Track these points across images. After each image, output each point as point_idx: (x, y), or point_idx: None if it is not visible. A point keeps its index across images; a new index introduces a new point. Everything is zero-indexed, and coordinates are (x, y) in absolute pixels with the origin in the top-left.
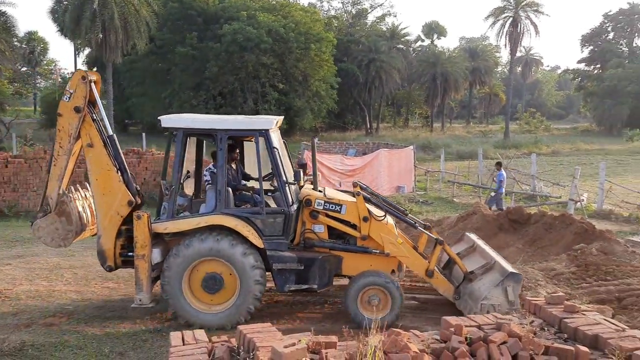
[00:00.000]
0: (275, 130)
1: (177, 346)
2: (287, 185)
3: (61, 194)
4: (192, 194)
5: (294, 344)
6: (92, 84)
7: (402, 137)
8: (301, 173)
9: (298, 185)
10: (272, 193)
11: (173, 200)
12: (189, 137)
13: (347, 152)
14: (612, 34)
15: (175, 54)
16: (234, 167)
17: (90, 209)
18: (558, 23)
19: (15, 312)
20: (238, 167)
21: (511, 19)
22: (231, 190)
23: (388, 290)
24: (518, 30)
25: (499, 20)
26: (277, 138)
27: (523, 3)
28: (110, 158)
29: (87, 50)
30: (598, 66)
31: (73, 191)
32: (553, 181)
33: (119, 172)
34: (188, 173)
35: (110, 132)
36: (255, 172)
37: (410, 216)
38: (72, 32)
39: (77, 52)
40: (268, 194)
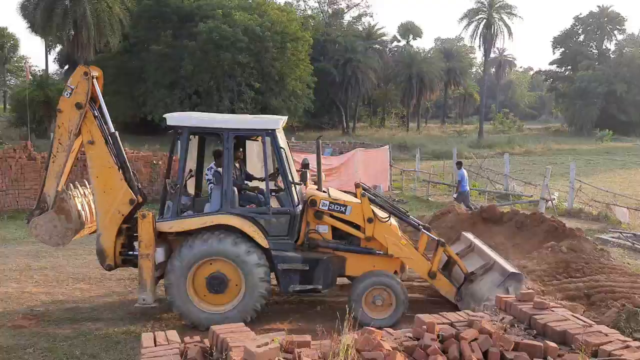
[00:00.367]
0: (280, 130)
1: (149, 347)
2: (293, 185)
3: (60, 192)
4: (196, 193)
5: (267, 344)
6: (94, 80)
7: (379, 137)
8: (307, 174)
9: (305, 185)
10: (276, 193)
11: (177, 199)
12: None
13: (324, 152)
14: (583, 37)
15: (149, 52)
16: (238, 167)
17: (89, 207)
18: (530, 25)
19: None
20: (242, 167)
21: (485, 21)
22: (236, 189)
23: (393, 290)
24: (492, 32)
25: (473, 21)
26: (282, 138)
27: (496, 5)
28: (111, 156)
29: (59, 47)
30: (569, 68)
31: (72, 188)
32: (525, 180)
33: (121, 170)
34: (190, 172)
35: (112, 130)
36: (254, 172)
37: (411, 217)
38: (43, 29)
39: (49, 49)
40: (272, 194)
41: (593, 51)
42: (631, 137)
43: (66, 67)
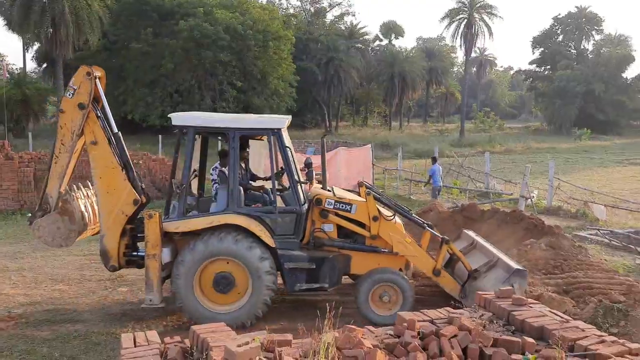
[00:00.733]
0: (285, 129)
1: (129, 348)
2: (299, 184)
3: (63, 193)
4: (199, 193)
5: (248, 343)
6: (97, 80)
7: (361, 136)
8: (313, 172)
9: (310, 184)
10: (280, 192)
11: (183, 199)
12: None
13: (306, 151)
14: (562, 37)
15: (129, 50)
16: (243, 166)
17: (92, 208)
18: (510, 25)
19: None
20: (247, 167)
21: (466, 21)
22: (242, 189)
23: (399, 286)
24: (472, 31)
25: (454, 21)
26: (287, 137)
27: (477, 5)
28: (114, 156)
29: (37, 45)
30: (548, 67)
31: (75, 189)
32: (505, 179)
33: (124, 170)
34: (194, 172)
35: (115, 130)
36: (255, 172)
37: (414, 215)
38: (21, 27)
39: (26, 47)
40: (277, 193)
41: (572, 51)
42: (609, 136)
43: (44, 66)
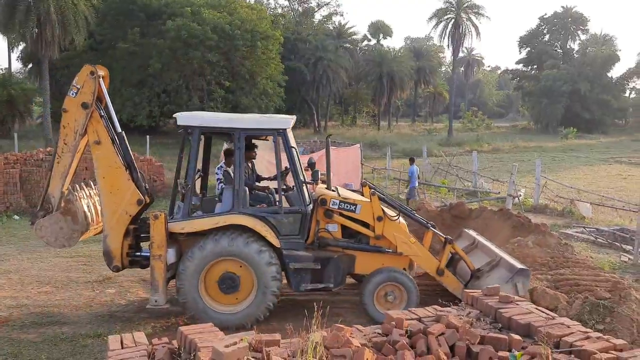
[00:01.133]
0: (290, 129)
1: (116, 350)
2: (305, 184)
3: (65, 193)
4: (202, 193)
5: (236, 343)
6: (101, 80)
7: (350, 136)
8: (319, 173)
9: (315, 184)
10: (285, 192)
11: (189, 199)
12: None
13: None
14: (548, 36)
15: (116, 50)
16: (250, 167)
17: (95, 208)
18: (497, 25)
19: None
20: (253, 167)
21: (453, 21)
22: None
23: (404, 285)
24: (460, 31)
25: (442, 21)
26: (292, 137)
27: (464, 5)
28: (118, 156)
29: (22, 45)
30: (535, 67)
31: (78, 189)
32: (493, 178)
33: (128, 170)
34: (199, 172)
35: (119, 129)
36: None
37: (417, 215)
38: (5, 26)
39: (11, 47)
40: (282, 194)
41: (558, 51)
42: (594, 135)
43: (30, 66)
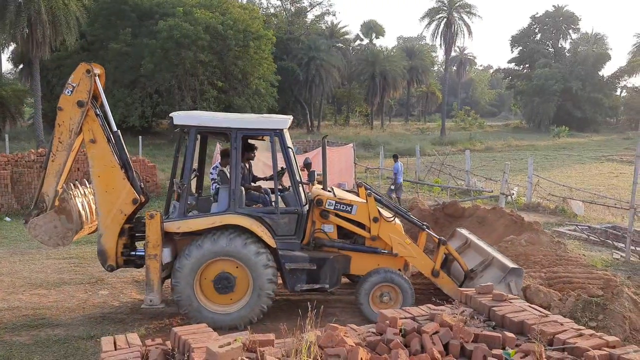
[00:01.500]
0: (286, 129)
1: (109, 351)
2: (301, 185)
3: (60, 191)
4: (197, 192)
5: (230, 344)
6: (96, 78)
7: (343, 135)
8: (315, 173)
9: (311, 185)
10: (281, 193)
11: (184, 199)
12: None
13: None
14: (539, 35)
15: (107, 51)
16: (247, 167)
17: (89, 207)
18: (489, 24)
19: None
20: (250, 167)
21: (445, 20)
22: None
23: (400, 287)
24: (452, 30)
25: (434, 20)
26: (289, 138)
27: (456, 4)
28: (113, 155)
29: (13, 45)
30: (527, 66)
31: (72, 188)
32: (486, 176)
33: (123, 169)
34: (194, 172)
35: (114, 128)
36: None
37: (411, 216)
38: None
39: (2, 48)
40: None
41: (549, 49)
42: (586, 133)
43: (21, 67)
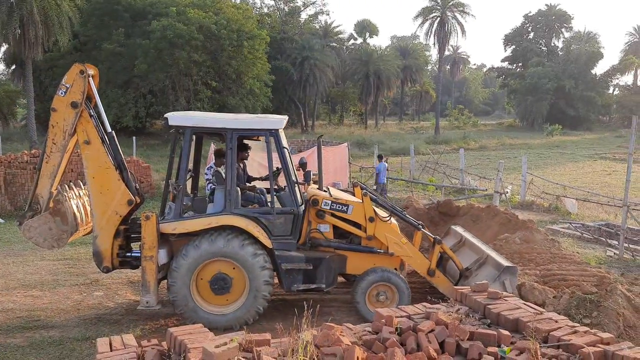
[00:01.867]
0: (282, 130)
1: (104, 352)
2: (297, 185)
3: (55, 193)
4: (193, 193)
5: (226, 344)
6: (90, 79)
7: (337, 134)
8: (311, 173)
9: (307, 185)
10: (277, 193)
11: (180, 200)
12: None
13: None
14: (532, 34)
15: (101, 51)
16: (242, 167)
17: (84, 208)
18: (483, 23)
19: None
20: (245, 168)
21: (439, 19)
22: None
23: (397, 286)
24: (445, 29)
25: (428, 20)
26: (284, 138)
27: (450, 4)
28: (108, 156)
29: (5, 46)
30: (520, 64)
31: (67, 189)
32: (480, 175)
33: (118, 170)
34: (190, 172)
35: (109, 129)
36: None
37: (407, 215)
38: None
39: None
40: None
41: (542, 48)
42: (579, 131)
43: (13, 67)
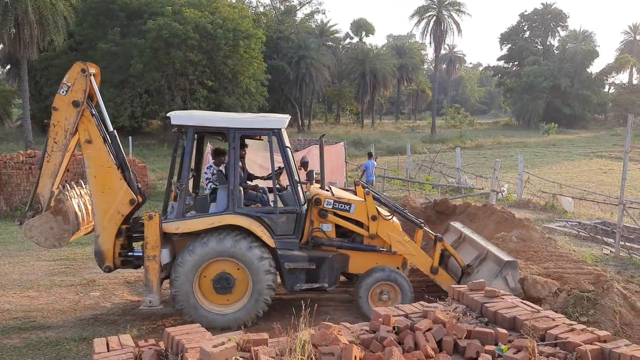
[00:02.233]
0: (284, 129)
1: (101, 353)
2: (299, 184)
3: (57, 192)
4: (195, 192)
5: (224, 343)
6: (92, 77)
7: (334, 134)
8: (314, 172)
9: (310, 184)
10: (279, 192)
11: (183, 199)
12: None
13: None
14: (528, 33)
15: (96, 51)
16: (241, 166)
17: (85, 207)
18: (479, 22)
19: None
20: (244, 166)
21: (435, 18)
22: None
23: (401, 287)
24: (441, 28)
25: (424, 18)
26: (286, 137)
27: (446, 2)
28: (110, 155)
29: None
30: (516, 63)
31: (68, 188)
32: (476, 174)
33: (120, 170)
34: (192, 171)
35: (110, 128)
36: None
37: (408, 214)
38: None
39: None
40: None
41: (538, 47)
42: (575, 130)
43: (8, 67)
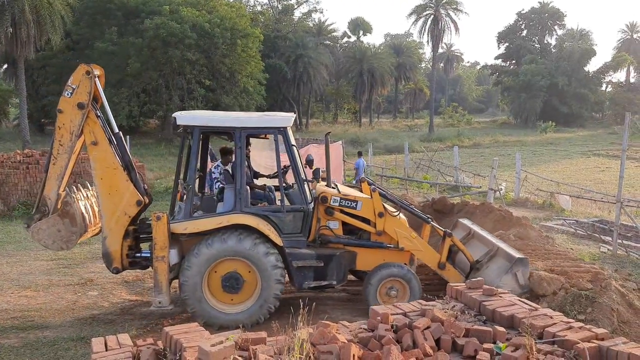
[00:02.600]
0: (290, 127)
1: (99, 352)
2: (306, 182)
3: (63, 195)
4: (201, 192)
5: (222, 342)
6: (96, 79)
7: (332, 133)
8: (320, 171)
9: (316, 182)
10: (286, 191)
11: (190, 199)
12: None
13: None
14: (526, 32)
15: (93, 50)
16: (246, 164)
17: (92, 209)
18: (476, 21)
19: None
20: (249, 164)
21: (432, 17)
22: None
23: (407, 281)
24: (439, 27)
25: (421, 17)
26: (292, 135)
27: (443, 1)
28: (115, 156)
29: None
30: (513, 62)
31: (75, 191)
32: (474, 172)
33: (126, 171)
34: (198, 171)
35: (116, 130)
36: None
37: (415, 209)
38: None
39: None
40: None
41: (535, 46)
42: (572, 128)
43: (5, 66)
